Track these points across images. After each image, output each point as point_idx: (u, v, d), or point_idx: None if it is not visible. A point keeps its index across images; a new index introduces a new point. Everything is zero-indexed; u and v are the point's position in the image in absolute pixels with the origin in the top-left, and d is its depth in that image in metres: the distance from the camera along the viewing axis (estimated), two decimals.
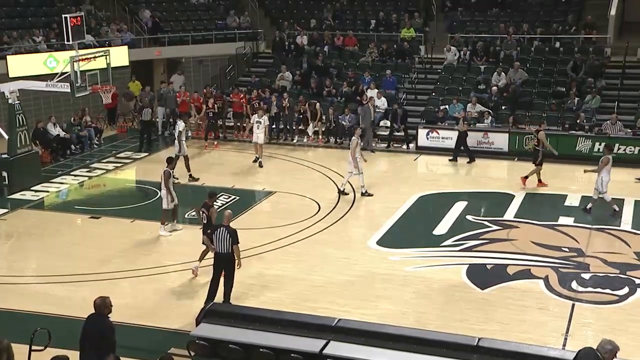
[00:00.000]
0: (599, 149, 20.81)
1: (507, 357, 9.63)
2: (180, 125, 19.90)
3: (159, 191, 18.09)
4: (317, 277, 13.67)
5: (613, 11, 26.13)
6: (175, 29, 29.46)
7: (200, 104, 24.66)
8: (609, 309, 12.47)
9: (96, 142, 23.86)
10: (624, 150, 20.81)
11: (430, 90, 25.75)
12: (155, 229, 16.05)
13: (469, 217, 16.81)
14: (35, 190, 19.13)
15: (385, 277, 13.65)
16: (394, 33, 28.48)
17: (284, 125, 24.20)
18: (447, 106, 23.48)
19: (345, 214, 17.24)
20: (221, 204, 17.22)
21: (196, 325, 10.87)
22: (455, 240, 15.42)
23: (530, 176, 18.85)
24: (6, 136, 19.70)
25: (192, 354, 10.30)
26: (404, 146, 23.27)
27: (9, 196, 18.74)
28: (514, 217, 16.85)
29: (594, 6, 27.78)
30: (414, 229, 16.45)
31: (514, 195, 18.34)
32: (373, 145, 22.87)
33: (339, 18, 30.38)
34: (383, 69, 26.23)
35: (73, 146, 22.90)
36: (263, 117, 21.43)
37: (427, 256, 14.70)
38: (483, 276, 13.72)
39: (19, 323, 11.75)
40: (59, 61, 22.36)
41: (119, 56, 23.70)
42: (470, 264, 14.23)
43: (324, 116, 23.89)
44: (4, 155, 19.49)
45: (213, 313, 10.91)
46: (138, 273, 13.88)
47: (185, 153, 19.79)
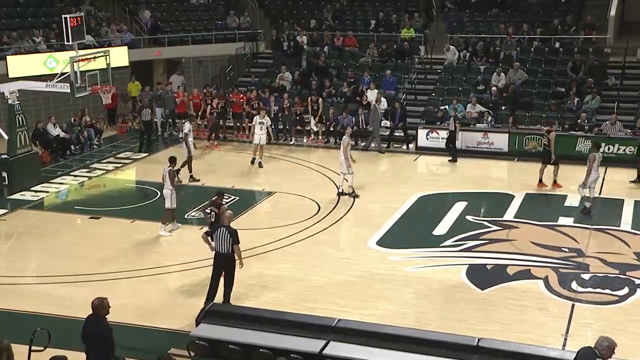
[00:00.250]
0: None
1: (507, 358, 9.64)
2: (186, 126, 19.88)
3: (159, 191, 18.12)
4: (317, 278, 13.67)
5: (613, 11, 26.16)
6: (175, 29, 29.46)
7: (200, 101, 24.68)
8: (609, 309, 12.47)
9: (96, 143, 23.86)
10: (624, 150, 20.80)
11: (430, 91, 25.75)
12: (154, 229, 16.03)
13: (469, 218, 16.80)
14: (35, 191, 19.13)
15: (385, 278, 13.64)
16: (393, 33, 28.50)
17: (283, 126, 24.21)
18: (447, 106, 23.48)
19: (345, 214, 17.25)
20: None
21: (196, 325, 10.88)
22: (455, 241, 15.42)
23: (556, 178, 18.72)
24: (6, 136, 19.71)
25: (192, 354, 10.31)
26: (404, 146, 23.29)
27: (9, 196, 18.74)
28: (514, 218, 16.85)
29: (593, 6, 27.82)
30: (413, 229, 16.45)
31: (513, 196, 18.34)
32: (381, 146, 22.87)
33: (339, 18, 30.40)
34: (383, 69, 26.23)
35: (73, 146, 22.90)
36: (265, 118, 21.42)
37: (427, 256, 14.69)
38: (483, 276, 13.72)
39: (19, 323, 11.74)
40: (58, 61, 22.40)
41: (119, 56, 23.73)
42: (470, 264, 14.23)
43: (324, 116, 23.86)
44: (3, 156, 19.51)
45: (213, 313, 10.92)
46: (138, 273, 13.87)
47: (187, 154, 19.79)
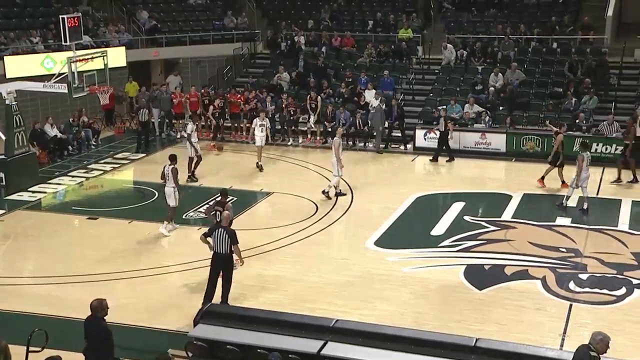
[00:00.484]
0: (596, 149, 20.87)
1: (505, 358, 9.63)
2: (189, 127, 19.84)
3: (156, 192, 18.12)
4: (315, 278, 13.67)
5: (610, 12, 26.18)
6: (172, 30, 29.44)
7: (197, 100, 24.70)
8: (607, 309, 12.49)
9: (93, 143, 23.84)
10: (621, 151, 20.78)
11: (427, 91, 25.76)
12: (152, 229, 16.03)
13: (467, 218, 16.81)
14: (33, 191, 19.10)
15: (383, 278, 13.65)
16: (391, 34, 28.51)
17: (280, 126, 24.20)
18: (445, 107, 23.48)
19: (342, 215, 17.25)
20: None
21: (194, 326, 10.86)
22: (453, 241, 15.42)
23: (562, 179, 18.71)
24: (3, 137, 19.70)
25: (190, 355, 10.30)
26: (401, 147, 23.31)
27: (6, 197, 18.72)
28: (512, 218, 16.86)
29: (591, 7, 27.83)
30: (411, 229, 16.45)
31: (511, 196, 18.35)
32: (380, 146, 22.91)
33: (337, 19, 30.40)
34: (381, 70, 26.25)
35: (70, 147, 22.88)
36: (265, 120, 21.40)
37: (425, 257, 14.69)
38: (481, 277, 13.72)
39: (17, 324, 11.72)
40: (56, 62, 22.41)
41: (117, 57, 23.72)
42: (467, 265, 14.23)
43: (321, 113, 23.86)
44: (1, 156, 19.50)
45: (211, 314, 10.90)
46: (136, 274, 13.86)
47: (195, 154, 19.73)
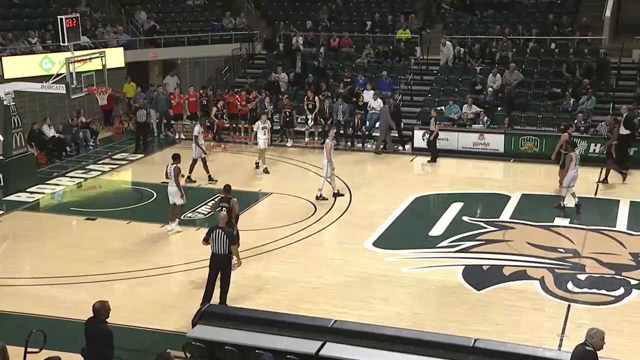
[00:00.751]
0: (594, 149, 20.90)
1: (503, 358, 9.63)
2: (196, 129, 19.78)
3: (155, 192, 18.12)
4: (314, 279, 13.66)
5: (608, 12, 26.21)
6: (171, 31, 29.43)
7: (195, 100, 24.69)
8: (605, 309, 12.49)
9: (92, 144, 23.82)
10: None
11: (426, 92, 25.77)
12: (151, 230, 16.04)
13: (465, 218, 16.81)
14: (31, 192, 19.08)
15: (381, 279, 13.64)
16: (389, 34, 28.52)
17: (280, 127, 24.19)
18: (443, 107, 23.50)
19: (341, 215, 17.24)
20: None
21: (192, 326, 10.86)
22: (451, 242, 15.42)
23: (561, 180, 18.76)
24: (2, 138, 19.66)
25: (188, 356, 10.29)
26: (399, 147, 23.31)
27: (4, 198, 18.70)
28: (510, 218, 16.86)
29: (589, 8, 27.86)
30: (410, 230, 16.43)
31: (509, 196, 18.36)
32: (379, 147, 22.93)
33: (335, 19, 30.39)
34: (379, 70, 26.24)
35: (68, 148, 22.86)
36: (267, 122, 21.37)
37: (423, 257, 14.69)
38: (479, 277, 13.72)
39: (14, 325, 11.70)
40: (54, 62, 22.37)
41: (115, 58, 23.72)
42: (466, 265, 14.23)
43: (319, 112, 23.87)
44: None
45: (209, 314, 10.90)
46: (134, 275, 13.84)
47: (198, 155, 19.64)
